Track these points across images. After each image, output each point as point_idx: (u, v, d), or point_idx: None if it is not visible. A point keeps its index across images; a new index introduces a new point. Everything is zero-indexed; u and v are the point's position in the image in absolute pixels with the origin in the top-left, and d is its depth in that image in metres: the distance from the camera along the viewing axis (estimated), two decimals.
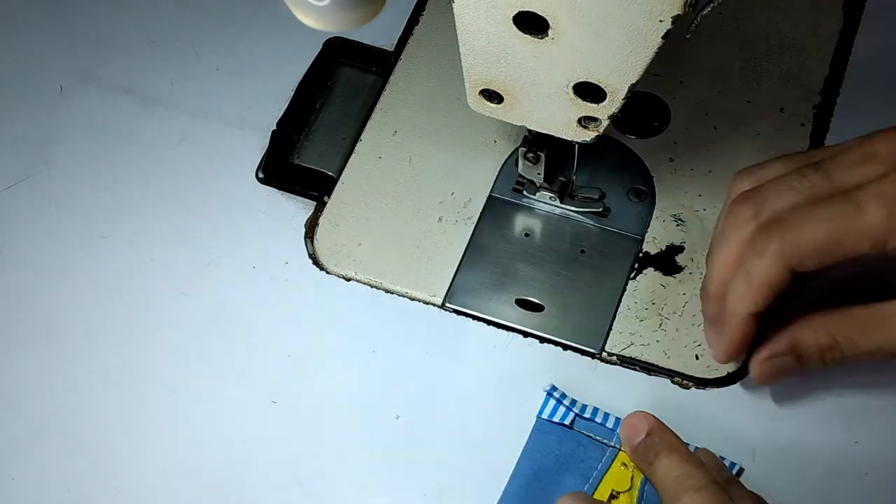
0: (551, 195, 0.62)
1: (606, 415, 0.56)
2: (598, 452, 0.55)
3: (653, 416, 0.53)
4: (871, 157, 0.51)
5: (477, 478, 0.56)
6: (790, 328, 0.54)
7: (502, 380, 0.58)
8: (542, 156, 0.59)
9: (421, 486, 0.55)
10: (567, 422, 0.56)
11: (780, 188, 0.52)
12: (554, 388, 0.57)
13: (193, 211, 0.64)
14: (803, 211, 0.50)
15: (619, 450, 0.55)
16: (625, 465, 0.55)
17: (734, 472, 0.55)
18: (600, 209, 0.62)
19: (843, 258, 0.50)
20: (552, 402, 0.56)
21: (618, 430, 0.55)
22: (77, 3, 0.72)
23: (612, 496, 0.54)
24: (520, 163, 0.61)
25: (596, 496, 0.54)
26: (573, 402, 0.56)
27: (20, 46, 0.70)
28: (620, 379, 0.58)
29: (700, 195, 0.63)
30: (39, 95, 0.68)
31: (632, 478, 0.54)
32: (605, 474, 0.55)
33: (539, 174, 0.61)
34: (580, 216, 0.62)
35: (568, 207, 0.62)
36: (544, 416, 0.56)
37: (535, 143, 0.58)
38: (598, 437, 0.56)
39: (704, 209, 0.62)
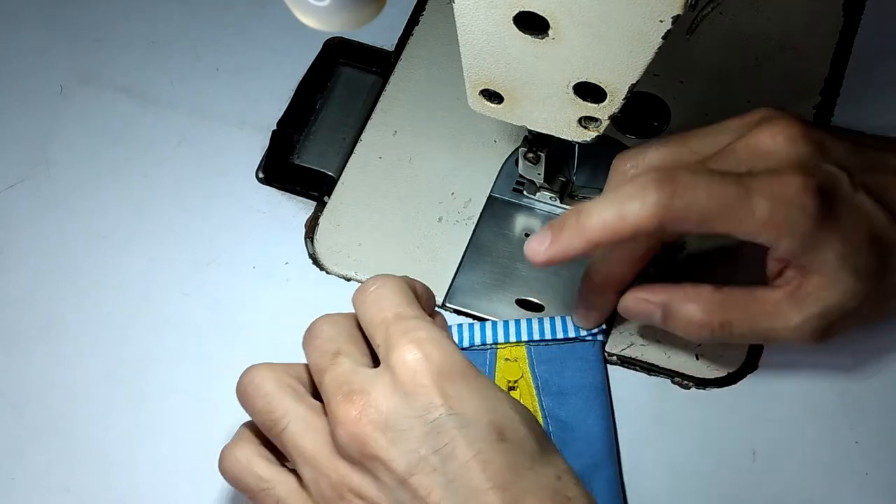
0: (551, 195, 0.62)
1: (471, 326, 0.58)
2: (481, 358, 0.57)
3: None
4: (755, 150, 0.53)
5: None
6: (675, 288, 0.55)
7: None
8: (542, 156, 0.59)
9: None
10: None
11: (661, 149, 0.54)
12: None
13: (193, 211, 0.64)
14: (695, 176, 0.50)
15: (497, 348, 0.57)
16: (507, 359, 0.57)
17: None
18: None
19: (712, 233, 0.51)
20: None
21: (486, 332, 0.58)
22: (77, 3, 0.72)
23: (511, 387, 0.56)
24: (520, 163, 0.61)
25: None
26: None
27: (20, 46, 0.70)
28: (620, 379, 0.58)
29: None
30: (39, 95, 0.68)
31: (519, 365, 0.57)
32: (495, 373, 0.57)
33: (539, 174, 0.61)
34: None
35: (568, 207, 0.62)
36: None
37: (535, 143, 0.58)
38: (476, 347, 0.58)
39: None
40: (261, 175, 0.65)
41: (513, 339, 0.58)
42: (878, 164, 0.55)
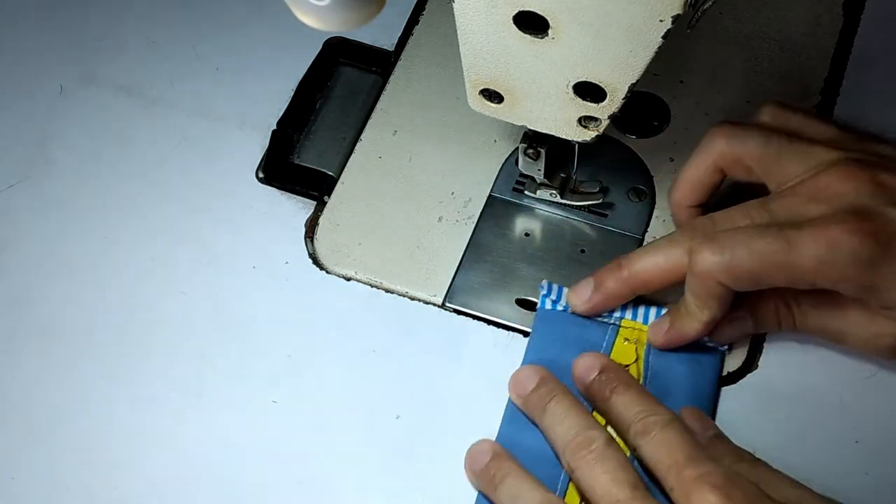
0: (552, 192, 0.62)
1: None
2: (600, 331, 0.56)
3: (605, 356, 0.55)
4: (815, 195, 0.53)
5: None
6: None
7: (502, 380, 0.58)
8: (543, 152, 0.59)
9: (420, 487, 0.55)
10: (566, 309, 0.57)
11: (724, 225, 0.54)
12: (550, 285, 0.58)
13: (193, 211, 0.64)
14: (739, 239, 0.52)
15: (620, 326, 0.56)
16: (627, 339, 0.56)
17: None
18: (600, 200, 0.62)
19: (773, 286, 0.53)
20: (549, 301, 0.58)
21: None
22: (77, 3, 0.72)
23: None
24: (520, 159, 0.61)
25: None
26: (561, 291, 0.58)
27: (20, 46, 0.70)
28: None
29: None
30: (39, 95, 0.68)
31: (636, 349, 0.56)
32: (610, 351, 0.56)
33: (539, 170, 0.61)
34: (580, 216, 0.62)
35: (569, 203, 0.62)
36: (547, 307, 0.58)
37: (535, 139, 0.58)
38: (598, 318, 0.57)
39: None
40: (261, 175, 0.65)
41: (640, 319, 0.57)
42: None
